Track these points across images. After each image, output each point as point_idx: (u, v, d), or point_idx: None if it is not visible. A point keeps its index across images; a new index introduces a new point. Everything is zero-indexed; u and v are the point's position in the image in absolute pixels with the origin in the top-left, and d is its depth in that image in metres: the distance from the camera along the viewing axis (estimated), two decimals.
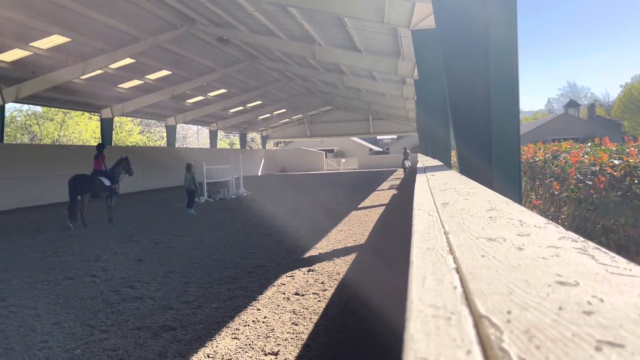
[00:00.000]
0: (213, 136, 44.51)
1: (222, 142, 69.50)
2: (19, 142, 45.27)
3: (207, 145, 49.80)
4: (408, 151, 34.40)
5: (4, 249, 9.64)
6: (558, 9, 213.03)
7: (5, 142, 25.28)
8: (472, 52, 4.51)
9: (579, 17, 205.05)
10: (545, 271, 0.81)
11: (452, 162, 11.85)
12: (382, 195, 19.89)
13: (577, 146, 7.55)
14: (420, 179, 3.98)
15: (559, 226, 1.21)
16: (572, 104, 60.96)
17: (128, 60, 22.17)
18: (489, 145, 4.39)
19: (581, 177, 5.35)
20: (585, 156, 5.89)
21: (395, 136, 68.86)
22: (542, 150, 8.18)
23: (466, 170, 4.62)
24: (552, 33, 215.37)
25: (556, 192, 6.26)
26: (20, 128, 47.92)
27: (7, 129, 39.90)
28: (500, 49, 4.32)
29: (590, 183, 5.04)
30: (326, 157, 55.81)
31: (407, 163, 31.58)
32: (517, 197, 4.38)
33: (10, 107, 46.44)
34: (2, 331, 4.81)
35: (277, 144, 67.76)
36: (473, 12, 4.49)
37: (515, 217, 1.40)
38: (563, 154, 6.85)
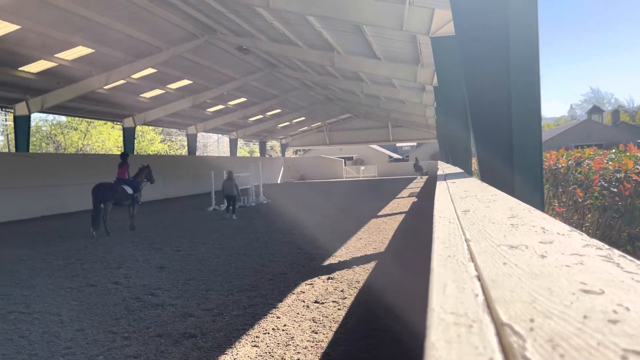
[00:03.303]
0: (233, 144, 44.90)
1: (242, 150, 70.05)
2: (44, 151, 46.30)
3: (227, 154, 50.24)
4: (420, 164, 35.92)
5: (29, 256, 9.83)
6: (579, 13, 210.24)
7: (31, 151, 25.86)
8: (492, 58, 4.47)
9: (601, 23, 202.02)
10: (569, 279, 0.80)
11: (472, 169, 11.74)
12: (402, 202, 19.78)
13: (600, 153, 7.42)
14: (440, 186, 3.96)
15: (583, 234, 1.19)
16: (596, 109, 59.96)
17: (150, 70, 22.56)
18: (510, 152, 4.34)
19: (605, 184, 5.25)
20: (610, 163, 5.78)
21: (414, 143, 68.54)
22: (564, 157, 8.06)
23: (487, 177, 4.57)
24: (574, 38, 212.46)
25: (580, 200, 6.15)
26: (45, 137, 49.02)
27: (32, 139, 40.81)
28: (520, 55, 4.28)
29: (615, 190, 4.95)
30: (345, 165, 55.78)
31: (423, 170, 32.80)
32: (540, 204, 4.32)
33: (36, 117, 47.66)
34: (26, 337, 4.89)
35: (296, 152, 68.00)
36: (493, 18, 4.46)
37: (537, 225, 1.38)
38: (586, 161, 6.74)
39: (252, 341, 4.62)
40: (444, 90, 11.95)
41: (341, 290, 6.35)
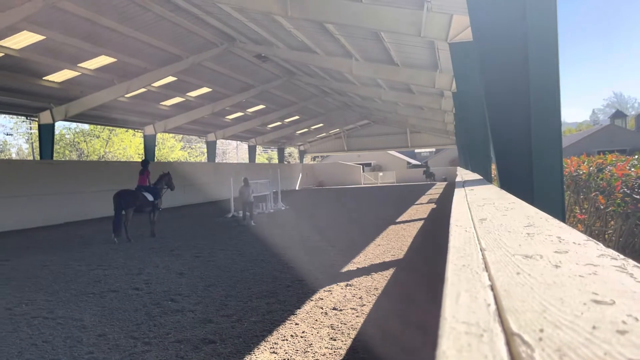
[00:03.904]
0: (252, 151, 45.22)
1: (261, 157, 70.42)
2: (67, 158, 47.20)
3: (246, 160, 50.57)
4: (431, 171, 40.41)
5: (53, 262, 10.03)
6: (601, 15, 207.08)
7: (55, 158, 26.40)
8: (511, 64, 4.45)
9: (623, 26, 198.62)
10: (581, 289, 0.81)
11: (492, 175, 11.64)
12: (421, 209, 19.67)
13: (623, 159, 7.30)
14: (458, 193, 3.95)
15: (599, 243, 1.19)
16: (619, 114, 58.80)
17: (170, 79, 22.90)
18: (530, 158, 4.30)
19: (628, 191, 5.17)
20: (633, 169, 5.69)
21: (433, 149, 68.15)
22: (586, 163, 7.95)
23: (506, 184, 4.54)
24: (596, 41, 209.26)
25: (602, 206, 6.06)
26: (68, 145, 50.03)
27: (56, 146, 41.67)
28: (539, 60, 4.25)
29: (638, 197, 4.87)
30: (363, 171, 55.69)
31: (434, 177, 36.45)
32: (560, 211, 4.27)
33: (60, 125, 48.75)
34: (50, 342, 4.99)
35: (314, 158, 68.12)
36: (511, 23, 4.44)
37: (553, 234, 1.38)
38: (608, 167, 6.63)
39: (271, 348, 4.65)
40: (463, 96, 11.90)
41: (359, 297, 6.35)
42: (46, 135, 22.90)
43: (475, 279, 0.96)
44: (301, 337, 4.92)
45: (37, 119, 22.88)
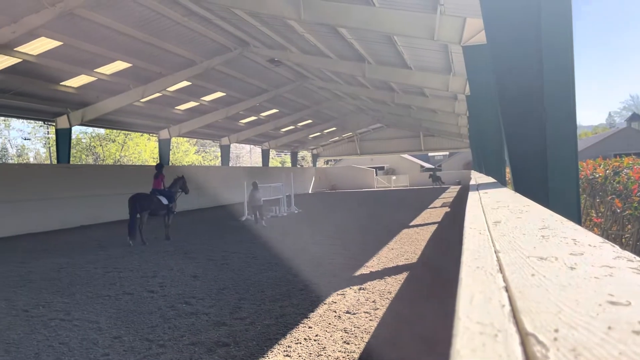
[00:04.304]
0: (265, 155, 45.41)
1: (274, 161, 70.68)
2: (84, 162, 47.80)
3: (260, 164, 50.75)
4: (438, 175, 42.63)
5: (69, 264, 10.15)
6: (617, 17, 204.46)
7: (71, 162, 26.75)
8: (525, 65, 4.42)
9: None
10: (597, 291, 0.81)
11: (506, 179, 11.54)
12: (435, 212, 19.56)
13: None
14: (472, 196, 3.93)
15: (615, 245, 1.18)
16: (636, 117, 57.90)
17: (184, 83, 23.11)
18: (545, 162, 4.27)
19: None
20: None
21: (447, 153, 67.74)
22: (602, 166, 7.85)
23: (521, 187, 4.50)
24: (612, 43, 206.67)
25: (618, 210, 5.98)
26: (85, 149, 50.72)
27: (73, 151, 42.20)
28: (554, 61, 4.22)
29: None
30: (376, 175, 55.55)
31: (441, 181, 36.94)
32: (576, 215, 4.23)
33: (76, 130, 49.38)
34: (66, 344, 5.05)
35: (327, 162, 68.14)
36: (525, 25, 4.41)
37: (569, 236, 1.38)
38: (625, 170, 6.55)
39: (284, 351, 4.66)
40: (477, 99, 11.82)
41: (373, 301, 6.33)
42: (63, 139, 23.25)
43: (489, 280, 0.96)
44: (314, 340, 4.92)
45: (54, 124, 23.22)
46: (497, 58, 4.80)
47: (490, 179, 9.28)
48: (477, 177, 11.44)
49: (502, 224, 1.80)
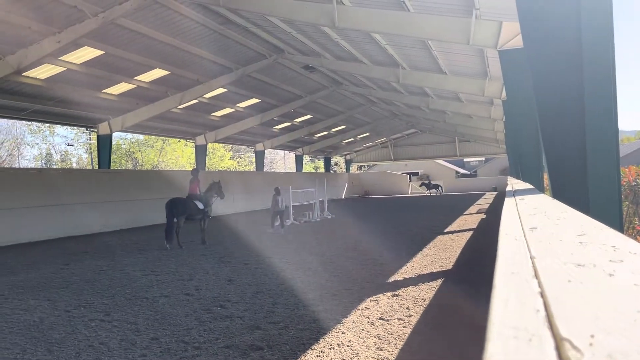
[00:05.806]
0: (299, 160, 45.68)
1: (307, 166, 70.91)
2: (123, 167, 49.14)
3: (293, 169, 51.06)
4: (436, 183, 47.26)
5: (109, 266, 10.44)
6: None
7: (112, 168, 27.57)
8: (564, 69, 4.32)
9: None
10: (636, 298, 0.79)
11: (544, 185, 11.27)
12: (470, 219, 19.25)
13: None
14: (508, 202, 3.85)
15: None
16: None
17: (220, 90, 23.52)
18: (584, 168, 4.16)
19: None
20: None
21: (483, 158, 66.54)
22: None
23: (559, 193, 4.39)
24: None
25: None
26: (124, 155, 52.20)
27: (113, 156, 43.35)
28: (594, 64, 4.10)
29: None
30: (410, 180, 55.05)
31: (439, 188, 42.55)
32: (617, 222, 4.10)
33: (117, 136, 50.79)
34: (106, 344, 5.19)
35: (360, 168, 67.96)
36: (564, 27, 4.31)
37: (608, 243, 1.34)
38: None
39: (317, 356, 4.66)
40: (513, 104, 11.61)
41: (407, 308, 6.27)
42: (104, 145, 24.00)
43: (524, 286, 0.95)
44: (347, 346, 4.91)
45: (96, 130, 24.01)
46: (534, 62, 4.71)
47: (527, 185, 9.08)
48: (513, 183, 11.21)
49: (538, 230, 1.77)
